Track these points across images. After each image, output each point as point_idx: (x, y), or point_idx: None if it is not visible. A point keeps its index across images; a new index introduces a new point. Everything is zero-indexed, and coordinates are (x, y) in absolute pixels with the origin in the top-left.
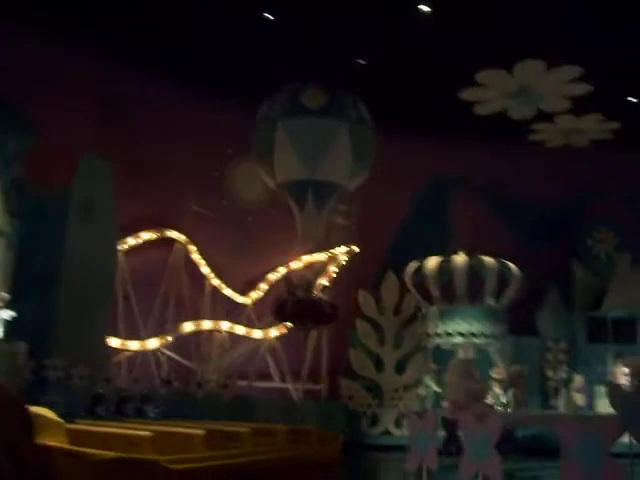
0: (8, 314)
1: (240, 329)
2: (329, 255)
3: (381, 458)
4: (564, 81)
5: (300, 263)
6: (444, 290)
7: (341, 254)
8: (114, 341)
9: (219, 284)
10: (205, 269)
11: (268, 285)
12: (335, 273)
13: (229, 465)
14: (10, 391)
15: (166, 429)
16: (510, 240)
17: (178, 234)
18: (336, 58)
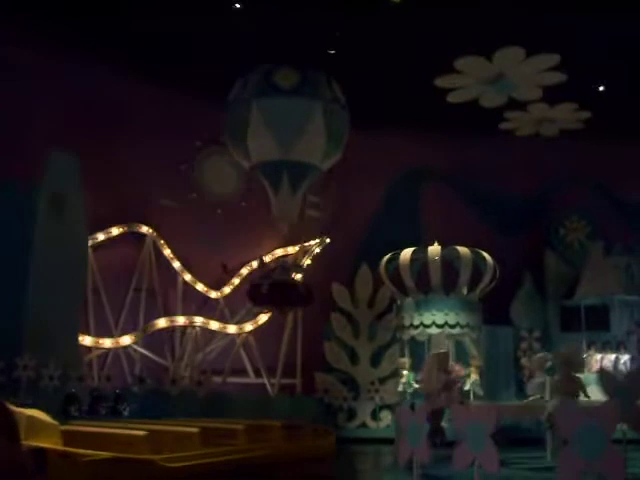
0: None
1: (213, 324)
2: (302, 247)
3: (361, 451)
4: (540, 69)
5: (273, 256)
6: (419, 281)
7: (314, 246)
8: (85, 339)
9: (191, 279)
10: (176, 264)
11: (240, 279)
12: (308, 265)
13: (225, 462)
14: None
15: (160, 427)
16: (482, 230)
17: (148, 229)
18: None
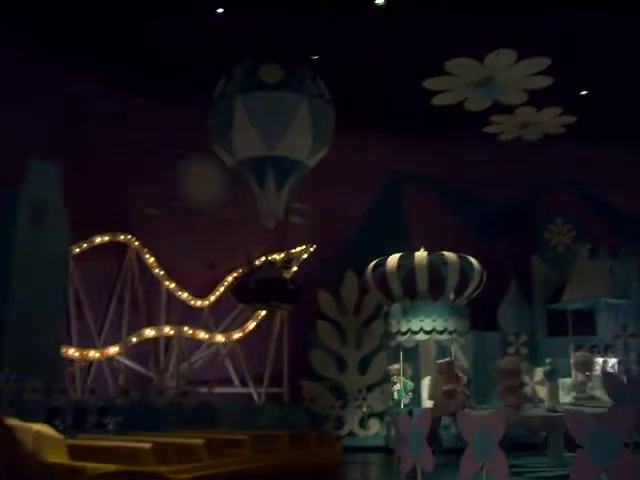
0: None
1: (198, 334)
2: (287, 254)
3: (353, 460)
4: (528, 73)
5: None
6: (406, 287)
7: (300, 253)
8: (68, 350)
9: (175, 288)
10: (160, 273)
11: (225, 288)
12: (294, 272)
13: (232, 472)
14: None
15: (164, 439)
16: (468, 235)
17: (131, 237)
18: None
